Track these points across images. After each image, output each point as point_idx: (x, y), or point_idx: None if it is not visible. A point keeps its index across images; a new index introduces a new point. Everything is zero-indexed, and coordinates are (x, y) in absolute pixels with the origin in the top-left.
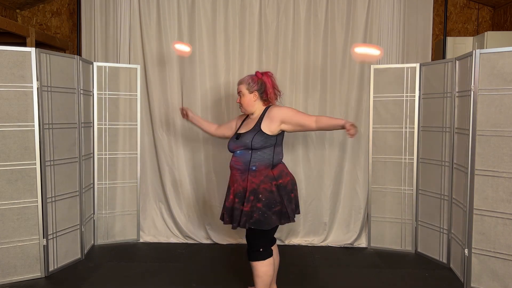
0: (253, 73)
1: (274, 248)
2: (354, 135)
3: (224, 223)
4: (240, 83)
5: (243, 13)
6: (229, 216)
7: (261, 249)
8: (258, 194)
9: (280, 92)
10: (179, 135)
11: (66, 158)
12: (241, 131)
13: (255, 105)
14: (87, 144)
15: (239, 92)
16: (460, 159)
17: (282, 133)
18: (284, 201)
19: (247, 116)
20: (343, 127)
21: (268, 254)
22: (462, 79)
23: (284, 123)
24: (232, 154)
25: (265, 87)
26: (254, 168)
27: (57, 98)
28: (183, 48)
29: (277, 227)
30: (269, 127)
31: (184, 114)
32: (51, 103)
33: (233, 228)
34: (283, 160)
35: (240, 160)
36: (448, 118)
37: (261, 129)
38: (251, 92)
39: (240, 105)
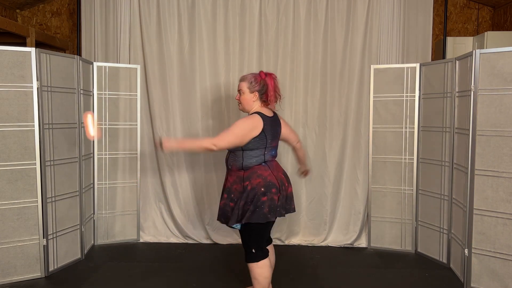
0: (255, 72)
1: (270, 248)
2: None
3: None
4: (242, 80)
5: (243, 13)
6: (221, 214)
7: (253, 250)
8: (231, 193)
9: (280, 96)
10: (179, 135)
11: (66, 158)
12: None
13: (253, 105)
14: (87, 144)
15: (239, 90)
16: (460, 159)
17: (254, 140)
18: (241, 204)
19: None
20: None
21: (261, 256)
22: (462, 79)
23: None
24: None
25: (266, 88)
26: (230, 167)
27: (57, 98)
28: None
29: (265, 228)
30: None
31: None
32: (51, 103)
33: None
34: (265, 163)
35: (226, 159)
36: (448, 118)
37: None
38: (251, 92)
39: (239, 102)
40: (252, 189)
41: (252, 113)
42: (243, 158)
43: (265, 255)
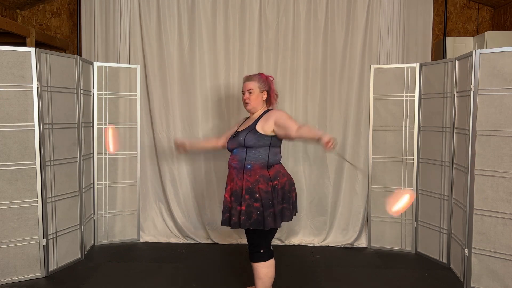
0: (255, 72)
1: None
2: (331, 148)
3: (221, 224)
4: (249, 79)
5: (243, 13)
6: (225, 215)
7: (261, 250)
8: (255, 193)
9: (277, 96)
10: (179, 135)
11: (66, 158)
12: (240, 129)
13: (261, 105)
14: (87, 144)
15: (249, 89)
16: (460, 159)
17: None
18: (277, 204)
19: (248, 117)
20: (318, 140)
21: (269, 256)
22: (462, 79)
23: (275, 124)
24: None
25: (270, 90)
26: (249, 166)
27: (57, 98)
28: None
29: (270, 228)
30: (262, 126)
31: (182, 149)
32: (51, 103)
33: (232, 227)
34: (281, 161)
35: (236, 158)
36: (448, 118)
37: (255, 128)
38: (261, 91)
39: (248, 103)
40: (281, 188)
41: (267, 110)
42: (268, 155)
43: (271, 254)
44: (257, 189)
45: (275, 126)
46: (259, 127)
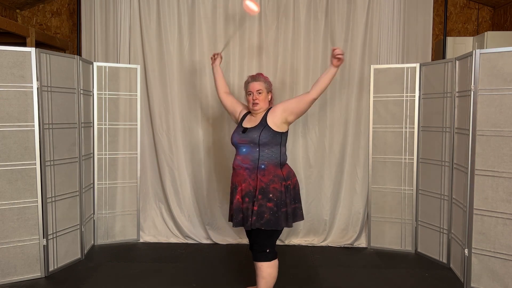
0: (254, 73)
1: None
2: (340, 56)
3: (233, 226)
4: (257, 80)
5: (243, 13)
6: (239, 217)
7: (267, 250)
8: (268, 193)
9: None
10: (179, 135)
11: (66, 158)
12: (246, 125)
13: (267, 105)
14: (87, 144)
15: (258, 90)
16: (460, 159)
17: (286, 133)
18: (289, 203)
19: (248, 113)
20: (333, 63)
21: (274, 256)
22: (462, 79)
23: (285, 111)
24: (235, 151)
25: (271, 90)
26: (263, 166)
27: (57, 98)
28: (252, 6)
29: (283, 228)
30: (273, 121)
31: (214, 58)
32: (51, 103)
33: (246, 229)
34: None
35: (248, 158)
36: (448, 118)
37: (267, 124)
38: (268, 92)
39: (257, 103)
40: (293, 188)
41: (269, 109)
42: (280, 154)
43: (275, 255)
44: (271, 188)
45: (285, 113)
46: (270, 122)
